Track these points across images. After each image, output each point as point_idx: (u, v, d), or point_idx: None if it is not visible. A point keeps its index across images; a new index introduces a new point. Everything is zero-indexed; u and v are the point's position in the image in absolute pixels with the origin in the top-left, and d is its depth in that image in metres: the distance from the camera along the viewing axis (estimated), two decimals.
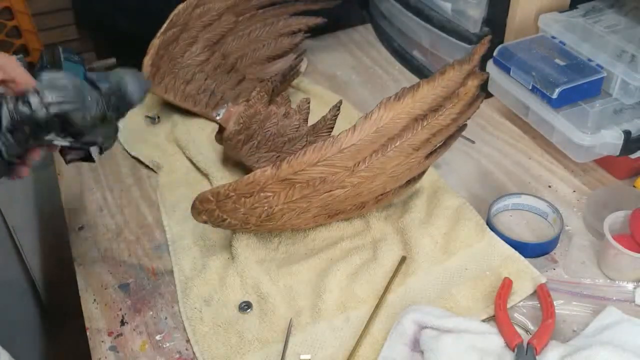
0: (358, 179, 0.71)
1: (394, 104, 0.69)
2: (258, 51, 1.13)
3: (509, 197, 0.86)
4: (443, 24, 1.08)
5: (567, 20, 0.95)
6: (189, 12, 1.04)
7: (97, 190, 0.97)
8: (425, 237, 0.80)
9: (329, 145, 0.68)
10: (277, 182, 0.70)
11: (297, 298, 0.75)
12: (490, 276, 0.76)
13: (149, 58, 1.00)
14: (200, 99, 1.08)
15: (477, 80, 0.77)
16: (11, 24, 1.42)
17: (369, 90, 1.17)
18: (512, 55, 0.93)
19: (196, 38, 1.06)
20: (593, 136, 0.83)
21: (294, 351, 0.69)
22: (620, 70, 0.85)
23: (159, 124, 1.09)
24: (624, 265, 0.74)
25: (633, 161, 0.87)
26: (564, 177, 0.93)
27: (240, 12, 1.10)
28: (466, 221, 0.82)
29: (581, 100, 0.87)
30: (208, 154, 1.00)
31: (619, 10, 0.95)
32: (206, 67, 1.09)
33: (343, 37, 1.35)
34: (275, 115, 0.91)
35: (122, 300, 0.78)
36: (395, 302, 0.74)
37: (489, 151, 0.99)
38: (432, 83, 0.71)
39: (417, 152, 0.74)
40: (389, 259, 0.79)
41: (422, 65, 1.18)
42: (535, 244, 0.80)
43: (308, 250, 0.82)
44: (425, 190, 0.88)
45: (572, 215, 0.85)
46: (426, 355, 0.65)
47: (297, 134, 0.90)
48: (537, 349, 0.65)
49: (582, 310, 0.72)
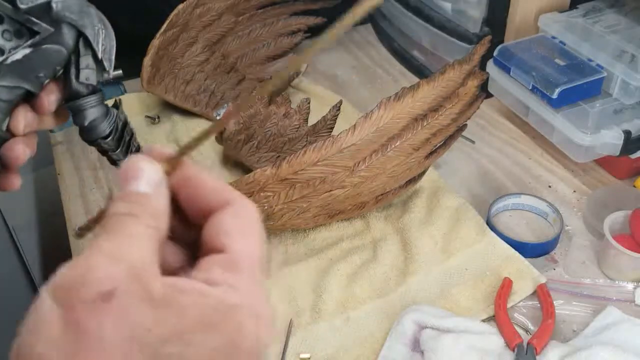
0: (358, 178, 0.71)
1: (394, 103, 0.69)
2: (258, 51, 1.13)
3: (509, 197, 0.86)
4: (443, 24, 1.07)
5: (567, 20, 0.95)
6: (189, 12, 1.03)
7: (97, 190, 0.97)
8: (425, 237, 0.80)
9: (329, 145, 0.68)
10: (277, 181, 0.70)
11: (297, 298, 0.75)
12: (490, 276, 0.76)
13: (149, 58, 1.00)
14: (200, 99, 1.08)
15: (477, 80, 0.77)
16: None
17: (369, 90, 1.17)
18: (512, 55, 0.93)
19: (196, 38, 1.06)
20: (593, 136, 0.83)
21: (294, 351, 0.69)
22: (621, 70, 0.85)
23: (159, 124, 1.09)
24: (624, 265, 0.74)
25: (633, 161, 0.87)
26: (564, 177, 0.92)
27: (240, 12, 1.10)
28: (466, 221, 0.81)
29: (581, 100, 0.87)
30: (208, 154, 1.00)
31: (619, 10, 0.95)
32: (206, 67, 1.09)
33: (343, 37, 1.35)
34: (275, 115, 0.91)
35: None
36: (395, 302, 0.74)
37: (489, 151, 0.99)
38: (432, 83, 0.71)
39: (417, 152, 0.74)
40: (389, 259, 0.79)
41: (422, 65, 1.18)
42: (535, 244, 0.80)
43: (308, 250, 0.82)
44: (425, 190, 0.88)
45: (572, 215, 0.85)
46: (426, 355, 0.65)
47: (297, 134, 0.90)
48: (537, 349, 0.65)
49: (582, 310, 0.72)
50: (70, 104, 0.55)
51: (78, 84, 0.53)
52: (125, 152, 0.60)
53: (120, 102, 0.62)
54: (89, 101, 0.55)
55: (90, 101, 0.55)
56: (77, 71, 0.53)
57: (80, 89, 0.54)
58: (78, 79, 0.53)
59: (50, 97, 0.52)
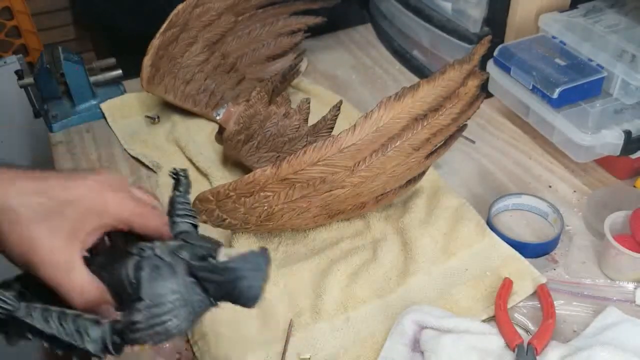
0: (358, 178, 0.71)
1: (394, 103, 0.69)
2: (258, 51, 1.13)
3: (509, 197, 0.86)
4: (443, 23, 1.07)
5: (568, 20, 0.95)
6: (189, 12, 1.03)
7: None
8: (425, 237, 0.80)
9: (329, 145, 0.68)
10: (277, 181, 0.70)
11: (297, 298, 0.75)
12: (491, 276, 0.76)
13: (149, 58, 1.00)
14: (200, 99, 1.08)
15: (478, 80, 0.77)
16: (11, 24, 1.42)
17: (369, 90, 1.17)
18: (513, 55, 0.93)
19: (196, 38, 1.06)
20: (593, 136, 0.83)
21: (294, 351, 0.69)
22: (621, 70, 0.84)
23: (158, 124, 1.09)
24: (624, 266, 0.74)
25: (633, 161, 0.87)
26: (565, 177, 0.92)
27: (240, 11, 1.10)
28: (466, 221, 0.81)
29: (581, 100, 0.87)
30: (208, 154, 1.00)
31: (619, 10, 0.95)
32: (206, 67, 1.08)
33: (343, 37, 1.35)
34: (275, 115, 0.91)
35: None
36: (395, 302, 0.74)
37: (489, 151, 0.99)
38: (432, 83, 0.71)
39: (417, 152, 0.74)
40: (389, 259, 0.79)
41: (422, 65, 1.18)
42: (535, 244, 0.80)
43: (308, 251, 0.82)
44: (425, 190, 0.88)
45: (573, 215, 0.85)
46: (426, 355, 0.65)
47: (297, 134, 0.90)
48: (537, 349, 0.65)
49: (583, 310, 0.72)
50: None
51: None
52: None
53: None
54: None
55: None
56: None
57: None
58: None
59: None
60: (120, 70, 1.16)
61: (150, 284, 0.46)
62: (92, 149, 1.05)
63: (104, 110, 1.12)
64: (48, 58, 1.10)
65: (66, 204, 0.45)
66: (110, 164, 1.02)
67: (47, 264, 0.43)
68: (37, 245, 0.43)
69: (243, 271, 0.47)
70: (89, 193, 0.46)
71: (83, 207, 0.45)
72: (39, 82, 1.10)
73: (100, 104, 1.13)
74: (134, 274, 0.47)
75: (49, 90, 1.11)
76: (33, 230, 0.43)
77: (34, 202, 0.44)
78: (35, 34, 1.44)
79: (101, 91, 1.14)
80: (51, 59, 1.10)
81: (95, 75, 1.14)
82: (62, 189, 0.45)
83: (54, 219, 0.44)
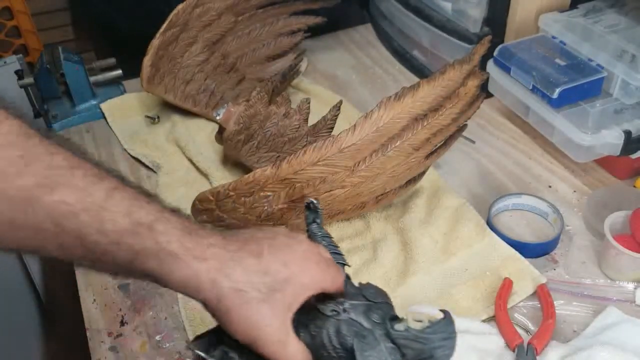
0: (358, 178, 0.71)
1: (394, 103, 0.69)
2: (258, 51, 1.13)
3: (509, 197, 0.86)
4: (443, 23, 1.07)
5: (568, 20, 0.95)
6: (189, 12, 1.03)
7: None
8: (425, 237, 0.80)
9: (329, 145, 0.68)
10: (277, 181, 0.70)
11: None
12: (491, 276, 0.76)
13: (149, 58, 1.00)
14: (200, 99, 1.08)
15: (478, 80, 0.77)
16: (11, 24, 1.42)
17: (369, 90, 1.17)
18: (513, 55, 0.93)
19: (196, 38, 1.06)
20: (593, 136, 0.83)
21: None
22: (621, 70, 0.84)
23: (158, 124, 1.09)
24: (624, 266, 0.74)
25: (633, 161, 0.87)
26: (565, 177, 0.92)
27: (240, 11, 1.10)
28: (466, 221, 0.81)
29: (581, 100, 0.87)
30: (208, 154, 1.00)
31: (619, 10, 0.95)
32: (206, 67, 1.08)
33: (343, 37, 1.35)
34: (275, 115, 0.91)
35: (122, 300, 0.78)
36: (395, 302, 0.73)
37: (489, 151, 0.99)
38: (432, 83, 0.71)
39: (417, 152, 0.74)
40: (389, 259, 0.79)
41: (422, 65, 1.18)
42: (535, 244, 0.80)
43: None
44: (425, 190, 0.88)
45: (573, 215, 0.85)
46: None
47: (297, 134, 0.90)
48: (537, 349, 0.65)
49: (583, 310, 0.72)
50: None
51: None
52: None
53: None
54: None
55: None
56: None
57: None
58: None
59: None
60: (120, 70, 1.16)
61: (361, 354, 0.49)
62: (92, 149, 1.05)
63: (104, 110, 1.12)
64: (48, 58, 1.10)
65: (285, 283, 0.48)
66: (110, 164, 1.02)
67: (269, 343, 0.47)
68: (261, 326, 0.46)
69: (438, 341, 0.51)
70: (300, 271, 0.49)
71: (298, 284, 0.48)
72: (39, 82, 1.10)
73: (100, 104, 1.13)
74: (338, 340, 0.50)
75: (49, 90, 1.11)
76: (258, 311, 0.46)
77: (259, 282, 0.47)
78: (35, 34, 1.44)
79: (101, 91, 1.14)
80: (51, 59, 1.10)
81: (95, 75, 1.14)
82: (280, 266, 0.48)
83: (276, 298, 0.47)
